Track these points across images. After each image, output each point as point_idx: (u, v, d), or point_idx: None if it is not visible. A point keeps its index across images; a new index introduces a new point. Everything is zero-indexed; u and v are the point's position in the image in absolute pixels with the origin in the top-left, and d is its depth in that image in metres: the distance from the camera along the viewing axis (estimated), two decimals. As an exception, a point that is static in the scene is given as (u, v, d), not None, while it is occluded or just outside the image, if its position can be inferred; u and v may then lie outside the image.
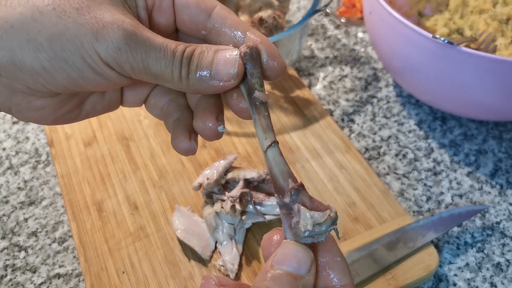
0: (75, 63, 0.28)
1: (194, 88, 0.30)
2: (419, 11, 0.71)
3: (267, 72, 0.31)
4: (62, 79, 0.29)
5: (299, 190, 0.28)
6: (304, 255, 0.26)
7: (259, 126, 0.31)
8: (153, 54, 0.29)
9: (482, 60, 0.50)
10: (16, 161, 0.62)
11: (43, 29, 0.28)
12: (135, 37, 0.29)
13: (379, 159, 0.61)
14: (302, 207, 0.27)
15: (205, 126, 0.32)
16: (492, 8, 0.66)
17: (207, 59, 0.30)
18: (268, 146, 0.30)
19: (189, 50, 0.30)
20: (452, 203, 0.57)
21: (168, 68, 0.29)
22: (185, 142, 0.32)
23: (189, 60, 0.30)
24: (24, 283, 0.51)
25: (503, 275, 0.51)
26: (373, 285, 0.48)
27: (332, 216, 0.27)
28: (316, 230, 0.26)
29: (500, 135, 0.64)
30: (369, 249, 0.49)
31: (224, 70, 0.29)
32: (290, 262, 0.25)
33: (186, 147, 0.33)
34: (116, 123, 0.63)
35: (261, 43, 0.30)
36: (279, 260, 0.26)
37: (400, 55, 0.58)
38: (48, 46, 0.28)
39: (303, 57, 0.74)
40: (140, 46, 0.29)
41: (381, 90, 0.70)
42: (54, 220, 0.56)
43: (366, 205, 0.55)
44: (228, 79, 0.30)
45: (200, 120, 0.32)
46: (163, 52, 0.29)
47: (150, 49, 0.29)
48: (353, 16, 0.79)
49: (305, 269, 0.26)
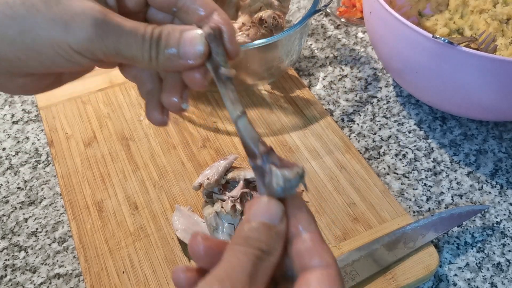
0: (48, 54, 0.30)
1: (164, 68, 0.33)
2: (419, 11, 0.71)
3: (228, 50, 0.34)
4: (37, 66, 0.31)
5: (269, 152, 0.31)
6: (275, 207, 0.28)
7: (228, 100, 0.33)
8: (123, 41, 0.31)
9: (482, 60, 0.50)
10: (16, 161, 0.62)
11: (14, 25, 0.29)
12: (105, 25, 0.30)
13: (379, 159, 0.61)
14: (273, 167, 0.30)
15: (170, 101, 0.35)
16: (492, 8, 0.66)
17: (174, 40, 0.32)
18: (237, 117, 0.32)
19: (156, 31, 0.32)
20: (452, 203, 0.57)
21: (139, 51, 0.31)
22: (158, 116, 0.36)
23: (157, 42, 0.32)
24: (24, 283, 0.51)
25: (503, 275, 0.51)
26: (373, 285, 0.48)
27: (300, 172, 0.29)
28: (287, 185, 0.29)
29: (500, 135, 0.64)
30: (369, 249, 0.49)
31: (190, 49, 0.32)
32: (264, 214, 0.28)
33: (159, 120, 0.36)
34: (116, 123, 0.63)
35: (224, 25, 0.33)
36: (255, 214, 0.28)
37: (400, 55, 0.58)
38: (20, 40, 0.29)
39: (303, 57, 0.74)
40: (111, 34, 0.30)
41: (381, 90, 0.70)
42: (54, 220, 0.56)
43: (366, 205, 0.55)
44: (195, 58, 0.32)
45: (166, 95, 0.35)
46: (133, 37, 0.31)
47: (120, 36, 0.31)
48: (353, 16, 0.79)
49: (278, 219, 0.28)
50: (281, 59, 0.65)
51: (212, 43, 0.33)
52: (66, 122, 0.64)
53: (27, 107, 0.68)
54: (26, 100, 0.69)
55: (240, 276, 0.26)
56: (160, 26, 0.32)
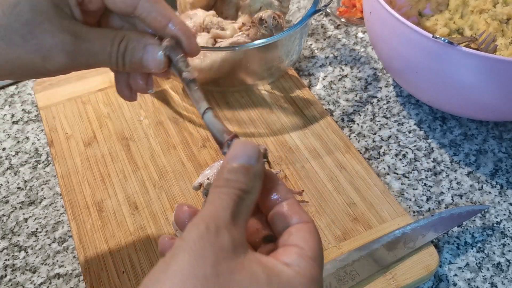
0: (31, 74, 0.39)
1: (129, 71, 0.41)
2: (419, 11, 0.71)
3: (187, 54, 0.40)
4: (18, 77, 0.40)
5: (233, 139, 0.35)
6: (252, 149, 0.31)
7: (193, 99, 0.38)
8: (93, 59, 0.39)
9: (482, 60, 0.50)
10: (16, 161, 0.62)
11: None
12: (75, 53, 0.37)
13: (379, 159, 0.61)
14: None
15: (137, 84, 0.42)
16: (492, 8, 0.66)
17: (138, 55, 0.39)
18: (203, 113, 0.37)
19: (122, 47, 0.39)
20: (452, 203, 0.57)
21: (108, 63, 0.39)
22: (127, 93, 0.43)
23: (123, 54, 0.39)
24: (24, 283, 0.51)
25: (503, 275, 0.51)
26: (373, 285, 0.48)
27: (262, 151, 0.33)
28: None
29: (500, 135, 0.64)
30: (369, 249, 0.49)
31: (151, 63, 0.39)
32: (241, 157, 0.31)
33: (127, 97, 0.44)
34: (116, 123, 0.63)
35: (180, 33, 0.39)
36: (233, 157, 0.31)
37: (400, 55, 0.58)
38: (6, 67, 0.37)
39: (303, 57, 0.74)
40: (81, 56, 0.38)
41: (381, 90, 0.70)
42: (54, 220, 0.56)
43: (366, 205, 0.55)
44: (156, 68, 0.39)
45: (134, 79, 0.42)
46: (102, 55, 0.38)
47: (90, 55, 0.38)
48: (353, 16, 0.79)
49: (255, 159, 0.31)
50: (281, 59, 0.65)
51: (171, 53, 0.39)
52: (66, 122, 0.64)
53: (27, 107, 0.68)
54: (26, 100, 0.69)
55: (223, 214, 0.29)
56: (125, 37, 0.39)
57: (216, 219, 0.28)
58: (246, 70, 0.64)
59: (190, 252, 0.27)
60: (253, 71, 0.65)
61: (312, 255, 0.30)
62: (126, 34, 0.39)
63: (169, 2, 0.75)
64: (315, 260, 0.30)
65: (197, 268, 0.27)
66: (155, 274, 0.27)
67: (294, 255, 0.30)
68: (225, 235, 0.28)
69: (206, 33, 0.63)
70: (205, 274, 0.26)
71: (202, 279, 0.26)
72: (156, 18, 0.39)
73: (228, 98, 0.66)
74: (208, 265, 0.27)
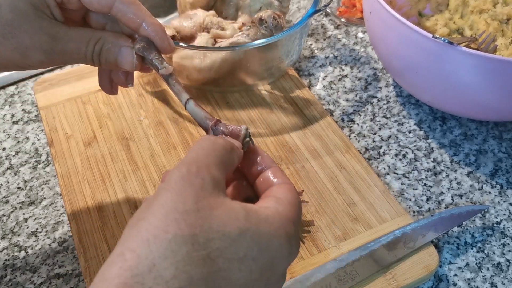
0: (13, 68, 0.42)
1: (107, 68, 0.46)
2: (419, 11, 0.71)
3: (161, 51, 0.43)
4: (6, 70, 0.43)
5: (217, 124, 0.38)
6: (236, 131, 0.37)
7: (173, 92, 0.42)
8: (69, 57, 0.42)
9: (482, 60, 0.50)
10: (16, 161, 0.62)
11: None
12: (52, 51, 0.41)
13: (379, 159, 0.61)
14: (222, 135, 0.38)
15: (117, 78, 0.47)
16: (492, 8, 0.66)
17: (113, 56, 0.43)
18: (185, 103, 0.40)
19: (97, 48, 0.43)
20: (452, 203, 0.57)
21: (84, 61, 0.43)
22: (108, 87, 0.49)
23: (99, 55, 0.43)
24: (24, 283, 0.51)
25: (503, 275, 0.51)
26: (373, 285, 0.48)
27: (245, 132, 0.37)
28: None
29: (500, 135, 0.64)
30: (369, 249, 0.49)
31: (125, 63, 0.43)
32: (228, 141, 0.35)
33: (108, 90, 0.49)
34: (116, 123, 0.63)
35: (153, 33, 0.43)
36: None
37: (400, 55, 0.58)
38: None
39: (303, 57, 0.74)
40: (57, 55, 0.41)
41: (381, 90, 0.70)
42: (54, 220, 0.56)
43: (366, 205, 0.55)
44: (130, 68, 0.44)
45: (115, 73, 0.47)
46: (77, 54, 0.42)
47: (66, 54, 0.42)
48: (353, 16, 0.79)
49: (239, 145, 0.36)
50: (281, 59, 0.65)
51: (144, 53, 0.42)
52: (66, 122, 0.64)
53: (27, 107, 0.68)
54: (26, 100, 0.69)
55: (205, 159, 0.32)
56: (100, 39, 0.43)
57: (197, 163, 0.31)
58: (246, 70, 0.64)
59: (171, 191, 0.29)
60: (253, 71, 0.65)
61: (289, 202, 0.33)
62: (102, 35, 0.43)
63: (169, 2, 0.75)
64: (292, 205, 0.33)
65: (178, 203, 0.29)
66: (138, 213, 0.29)
67: (272, 201, 0.33)
68: (205, 175, 0.30)
69: (206, 33, 0.63)
70: (186, 209, 0.28)
71: (183, 213, 0.28)
72: (130, 18, 0.42)
73: (228, 98, 0.66)
74: (189, 201, 0.29)
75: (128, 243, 0.28)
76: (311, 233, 0.52)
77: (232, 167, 0.34)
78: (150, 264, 0.27)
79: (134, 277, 0.26)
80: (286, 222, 0.32)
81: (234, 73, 0.64)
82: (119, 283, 0.26)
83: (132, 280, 0.26)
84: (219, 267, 0.28)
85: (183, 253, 0.27)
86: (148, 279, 0.26)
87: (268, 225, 0.31)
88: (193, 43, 0.62)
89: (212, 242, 0.28)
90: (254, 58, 0.63)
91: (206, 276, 0.28)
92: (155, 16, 0.44)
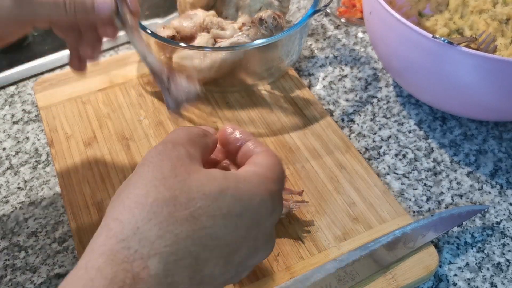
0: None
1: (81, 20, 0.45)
2: (419, 11, 0.71)
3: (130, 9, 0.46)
4: None
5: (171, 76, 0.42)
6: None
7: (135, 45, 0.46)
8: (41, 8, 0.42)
9: (482, 60, 0.50)
10: (16, 161, 0.62)
11: None
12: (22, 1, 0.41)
13: (379, 159, 0.61)
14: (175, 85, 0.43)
15: (85, 51, 0.49)
16: (492, 8, 0.66)
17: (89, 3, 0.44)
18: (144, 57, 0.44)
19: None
20: (452, 203, 0.57)
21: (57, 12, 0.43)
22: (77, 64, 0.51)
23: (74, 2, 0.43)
24: (24, 283, 0.51)
25: (503, 275, 0.51)
26: (373, 285, 0.48)
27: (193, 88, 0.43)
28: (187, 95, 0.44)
29: (500, 135, 0.64)
30: (369, 249, 0.49)
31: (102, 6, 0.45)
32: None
33: (77, 67, 0.51)
34: (116, 123, 0.63)
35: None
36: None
37: (400, 55, 0.58)
38: None
39: (303, 57, 0.74)
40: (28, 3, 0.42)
41: (381, 90, 0.70)
42: (54, 220, 0.56)
43: (366, 205, 0.55)
44: (105, 12, 0.45)
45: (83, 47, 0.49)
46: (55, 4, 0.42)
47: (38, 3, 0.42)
48: (353, 16, 0.79)
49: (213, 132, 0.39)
50: (281, 59, 0.65)
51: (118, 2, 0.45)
52: (66, 122, 0.64)
53: (27, 107, 0.68)
54: (26, 100, 0.69)
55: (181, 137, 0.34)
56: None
57: (173, 140, 0.33)
58: (246, 70, 0.64)
59: (149, 165, 0.31)
60: (253, 71, 0.65)
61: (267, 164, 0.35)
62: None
63: (169, 2, 0.75)
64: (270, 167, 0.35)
65: (156, 172, 0.30)
66: (121, 188, 0.31)
67: (250, 166, 0.35)
68: (181, 149, 0.32)
69: (206, 33, 0.63)
70: (163, 175, 0.30)
71: (161, 179, 0.30)
72: None
73: (228, 98, 0.66)
74: (166, 169, 0.30)
75: (111, 214, 0.29)
76: (311, 233, 0.52)
77: (207, 150, 0.36)
78: (134, 228, 0.28)
79: (120, 243, 0.27)
80: (265, 180, 0.33)
81: (234, 73, 0.64)
82: (106, 250, 0.27)
83: (118, 246, 0.27)
84: (204, 224, 0.29)
85: (165, 214, 0.28)
86: (133, 242, 0.27)
87: (247, 183, 0.32)
88: (193, 43, 0.62)
89: (193, 202, 0.29)
90: (254, 58, 0.63)
91: (192, 234, 0.29)
92: (155, 16, 0.45)
